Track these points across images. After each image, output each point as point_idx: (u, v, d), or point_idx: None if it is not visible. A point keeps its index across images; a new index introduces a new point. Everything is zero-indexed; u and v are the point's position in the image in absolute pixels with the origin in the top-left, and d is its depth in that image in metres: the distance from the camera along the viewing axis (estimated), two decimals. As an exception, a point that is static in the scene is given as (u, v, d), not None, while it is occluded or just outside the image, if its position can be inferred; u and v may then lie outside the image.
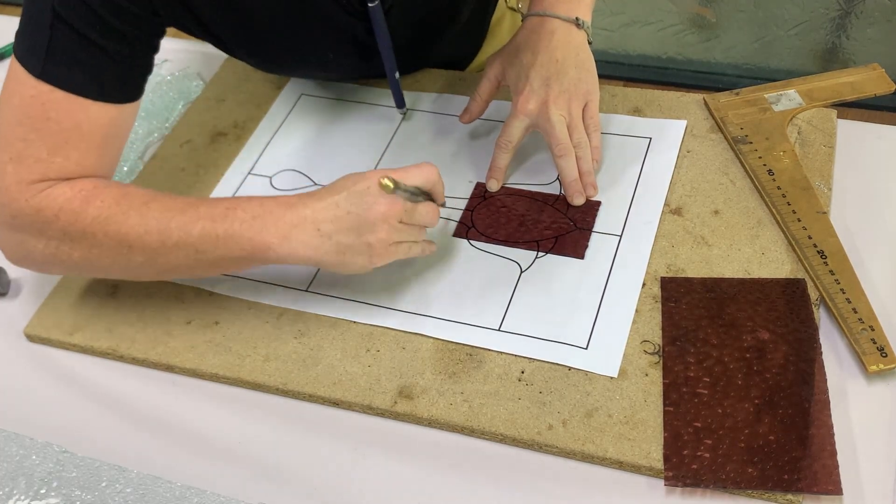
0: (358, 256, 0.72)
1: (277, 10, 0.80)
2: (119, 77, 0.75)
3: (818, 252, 0.75)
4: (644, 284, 0.76)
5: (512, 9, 1.08)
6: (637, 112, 0.91)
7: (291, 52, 0.87)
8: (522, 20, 0.86)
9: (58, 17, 0.71)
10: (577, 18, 0.83)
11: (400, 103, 0.93)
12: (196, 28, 0.81)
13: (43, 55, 0.71)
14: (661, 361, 0.71)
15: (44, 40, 0.71)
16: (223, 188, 0.91)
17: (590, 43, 0.84)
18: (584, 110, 0.82)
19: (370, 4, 0.82)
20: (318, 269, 0.81)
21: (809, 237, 0.77)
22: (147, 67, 0.78)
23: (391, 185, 0.69)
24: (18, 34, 0.73)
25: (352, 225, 0.71)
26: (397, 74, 0.90)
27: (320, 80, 1.00)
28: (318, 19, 0.82)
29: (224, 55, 1.04)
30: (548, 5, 0.84)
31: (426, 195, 0.74)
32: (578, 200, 0.82)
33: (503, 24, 1.07)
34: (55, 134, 0.72)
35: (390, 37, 0.85)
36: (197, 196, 0.90)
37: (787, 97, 0.89)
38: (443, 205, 0.77)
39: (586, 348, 0.73)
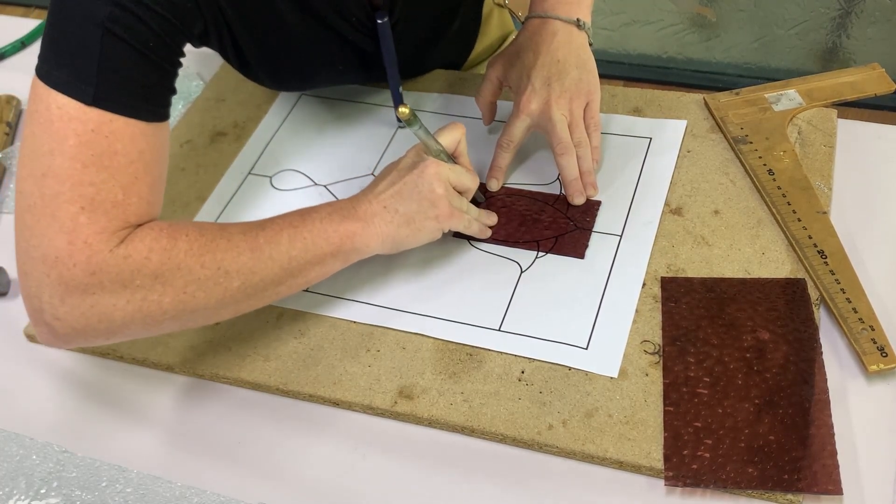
0: (427, 220, 0.74)
1: (293, 29, 0.81)
2: (164, 93, 0.70)
3: (818, 252, 0.75)
4: (644, 284, 0.76)
5: (499, 5, 1.08)
6: (637, 112, 0.91)
7: (305, 68, 0.87)
8: (523, 22, 0.87)
9: (108, 34, 0.64)
10: (577, 20, 0.84)
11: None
12: (230, 48, 0.80)
13: (94, 79, 0.64)
14: (661, 361, 0.71)
15: (91, 62, 0.64)
16: (223, 188, 0.91)
17: (590, 45, 0.85)
18: (584, 110, 0.82)
19: (379, 21, 0.83)
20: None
21: (809, 237, 0.77)
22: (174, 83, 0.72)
23: (409, 110, 0.71)
24: (47, 61, 0.65)
25: (411, 192, 0.74)
26: (401, 88, 0.90)
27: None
28: (330, 36, 0.84)
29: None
30: (549, 7, 0.85)
31: (452, 160, 0.78)
32: (579, 200, 0.82)
33: (490, 21, 1.08)
34: (125, 168, 0.65)
35: (395, 51, 0.86)
36: (197, 195, 0.90)
37: (787, 97, 0.89)
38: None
39: (586, 348, 0.73)
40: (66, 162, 0.63)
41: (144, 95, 0.67)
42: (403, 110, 0.71)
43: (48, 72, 0.65)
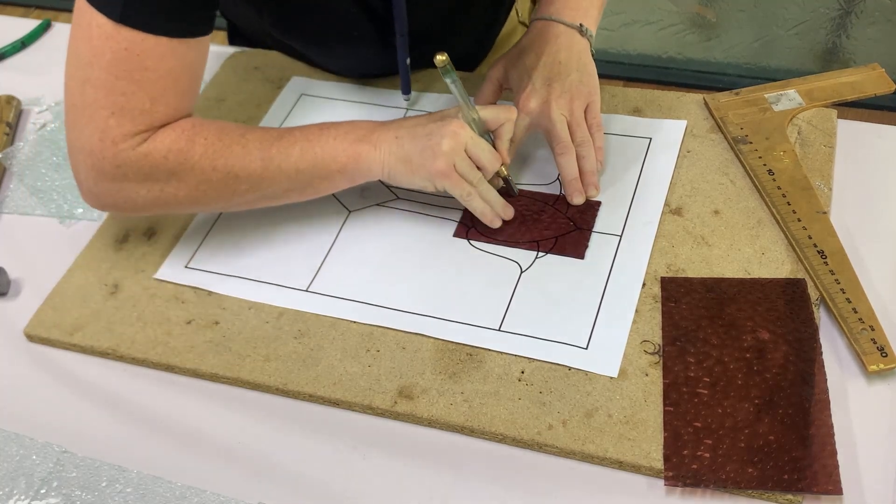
0: (421, 167, 0.76)
1: None
2: (199, 10, 0.75)
3: (818, 252, 0.75)
4: (644, 284, 0.76)
5: (523, 24, 1.09)
6: (637, 112, 0.91)
7: (321, 26, 0.89)
8: (529, 24, 0.88)
9: None
10: (580, 25, 0.85)
11: (406, 90, 0.94)
12: None
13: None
14: (661, 361, 0.71)
15: None
16: (223, 188, 0.91)
17: (592, 54, 0.86)
18: (585, 111, 0.82)
19: None
20: (319, 269, 0.81)
21: (809, 237, 0.77)
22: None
23: (446, 58, 0.73)
24: None
25: (422, 134, 0.76)
26: (408, 60, 0.90)
27: (332, 67, 1.00)
28: None
29: (224, 55, 1.04)
30: (554, 11, 0.86)
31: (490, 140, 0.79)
32: (578, 199, 0.82)
33: (512, 39, 1.08)
34: (154, 82, 0.74)
35: (408, 20, 0.86)
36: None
37: (787, 97, 0.89)
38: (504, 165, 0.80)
39: (586, 348, 0.73)
40: (101, 74, 0.72)
41: (176, 14, 0.73)
42: (441, 57, 0.73)
43: None
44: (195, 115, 0.79)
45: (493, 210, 0.80)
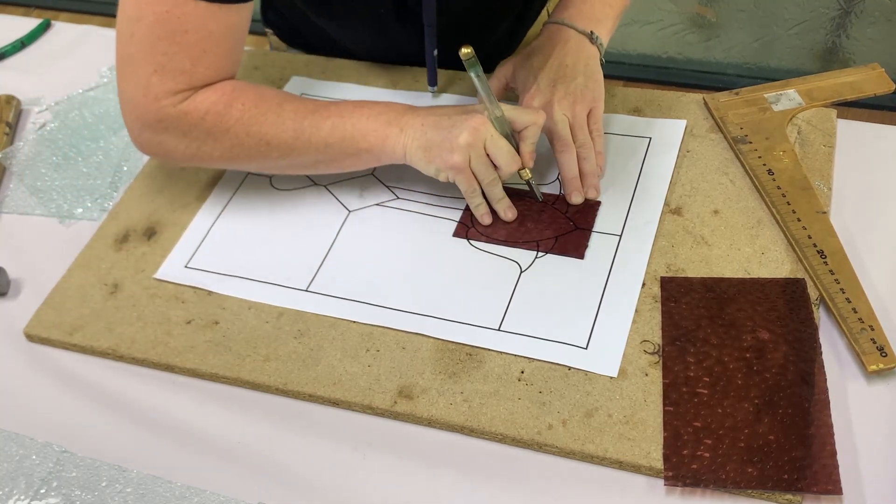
0: (437, 157, 0.77)
1: None
2: None
3: (818, 252, 0.75)
4: (644, 284, 0.76)
5: None
6: (637, 112, 0.91)
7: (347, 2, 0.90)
8: (542, 27, 0.89)
9: None
10: (591, 33, 0.86)
11: (432, 81, 0.94)
12: None
13: None
14: (660, 361, 0.71)
15: None
16: (223, 188, 0.91)
17: (602, 62, 0.86)
18: (588, 116, 0.83)
19: None
20: (318, 269, 0.81)
21: (809, 237, 0.77)
22: None
23: (472, 51, 0.73)
24: None
25: (446, 125, 0.77)
26: (435, 52, 0.90)
27: (361, 54, 1.00)
28: None
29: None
30: (567, 16, 0.87)
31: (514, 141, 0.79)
32: (577, 199, 0.83)
33: None
34: (194, 45, 0.77)
35: (437, 12, 0.87)
36: (197, 195, 0.90)
37: (786, 97, 0.89)
38: (525, 168, 0.80)
39: (586, 348, 0.73)
40: (146, 32, 0.76)
41: None
42: (466, 50, 0.73)
43: None
44: (238, 79, 0.82)
45: (498, 208, 0.81)
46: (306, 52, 1.05)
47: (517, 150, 0.79)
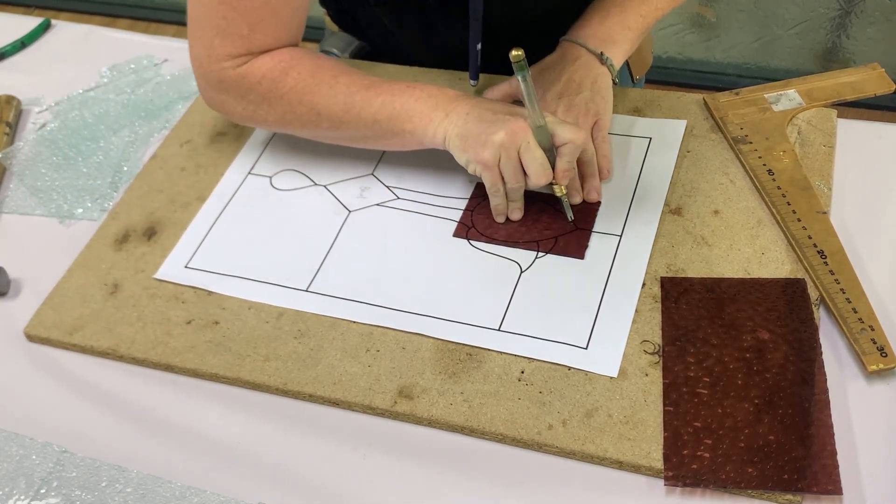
0: (471, 149, 0.76)
1: None
2: None
3: (818, 252, 0.75)
4: (644, 284, 0.76)
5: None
6: (637, 112, 0.91)
7: None
8: (558, 43, 0.89)
9: None
10: (601, 53, 0.86)
11: (474, 76, 0.93)
12: None
13: None
14: (661, 361, 0.71)
15: None
16: (223, 188, 0.91)
17: (615, 83, 0.86)
18: (593, 127, 0.83)
19: None
20: (318, 269, 0.81)
21: (809, 237, 0.77)
22: None
23: (522, 53, 0.72)
24: None
25: (488, 119, 0.76)
26: (479, 45, 0.90)
27: (410, 37, 1.00)
28: None
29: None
30: (582, 35, 0.87)
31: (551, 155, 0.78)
32: (576, 199, 0.83)
33: None
34: (252, 11, 0.80)
35: (484, 6, 0.87)
36: (197, 195, 0.90)
37: (787, 97, 0.89)
38: (556, 183, 0.79)
39: (586, 348, 0.73)
40: (204, 1, 0.80)
41: None
42: (517, 52, 0.72)
43: None
44: (307, 50, 0.85)
45: (509, 209, 0.82)
46: (358, 38, 1.06)
47: (553, 163, 0.78)
